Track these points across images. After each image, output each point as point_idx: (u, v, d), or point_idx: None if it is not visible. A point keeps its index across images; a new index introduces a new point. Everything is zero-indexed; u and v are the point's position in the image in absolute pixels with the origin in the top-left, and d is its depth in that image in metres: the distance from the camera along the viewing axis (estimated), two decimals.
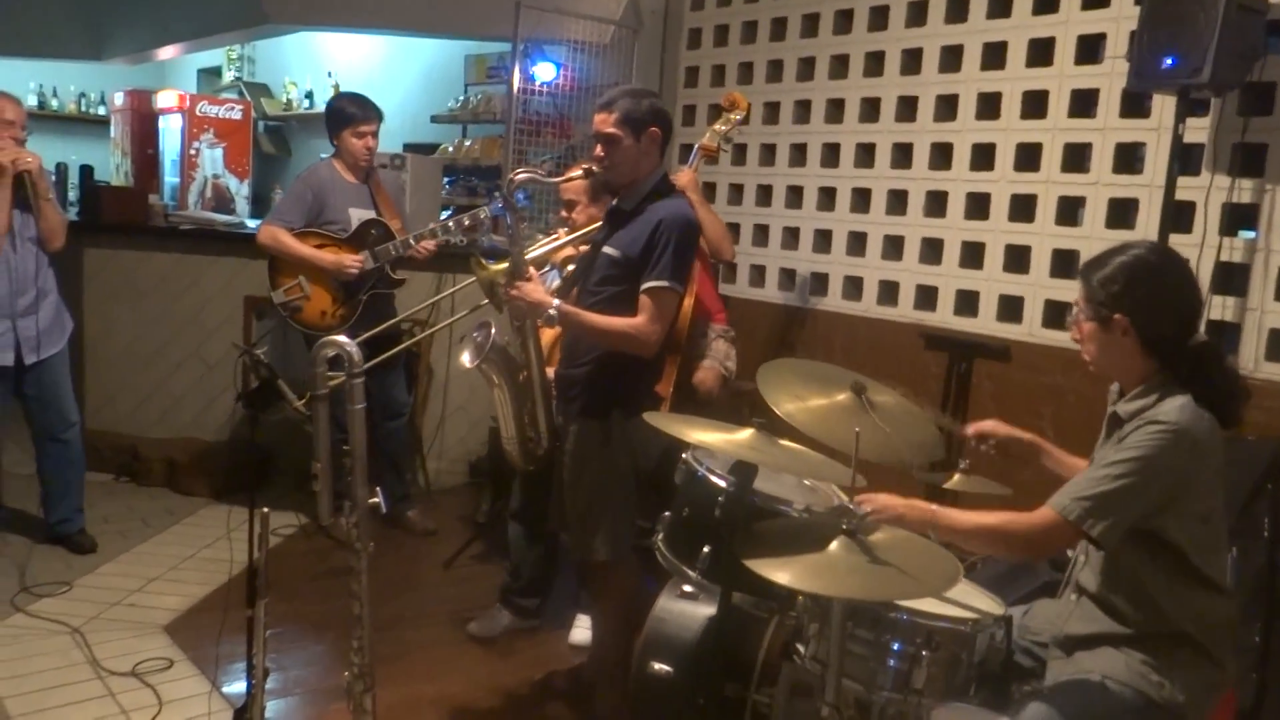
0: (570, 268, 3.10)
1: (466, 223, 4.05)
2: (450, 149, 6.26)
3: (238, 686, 2.86)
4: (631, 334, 2.60)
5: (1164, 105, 3.41)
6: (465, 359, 2.68)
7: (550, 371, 2.87)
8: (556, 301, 2.59)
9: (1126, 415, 1.98)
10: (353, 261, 3.98)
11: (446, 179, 6.10)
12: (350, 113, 4.06)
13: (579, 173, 2.75)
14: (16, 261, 3.58)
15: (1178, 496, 1.91)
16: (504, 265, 2.72)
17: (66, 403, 3.83)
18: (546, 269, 3.32)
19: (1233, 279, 3.33)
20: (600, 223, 3.05)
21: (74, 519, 3.91)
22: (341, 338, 2.16)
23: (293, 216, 4.02)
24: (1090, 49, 3.72)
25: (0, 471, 3.78)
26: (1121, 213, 3.62)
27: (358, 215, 4.10)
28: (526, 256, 2.73)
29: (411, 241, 4.06)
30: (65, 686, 2.90)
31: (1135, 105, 3.56)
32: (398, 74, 7.24)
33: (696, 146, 3.89)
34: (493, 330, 2.64)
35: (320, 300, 4.03)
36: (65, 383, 3.82)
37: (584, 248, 3.26)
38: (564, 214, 3.41)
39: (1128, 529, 1.90)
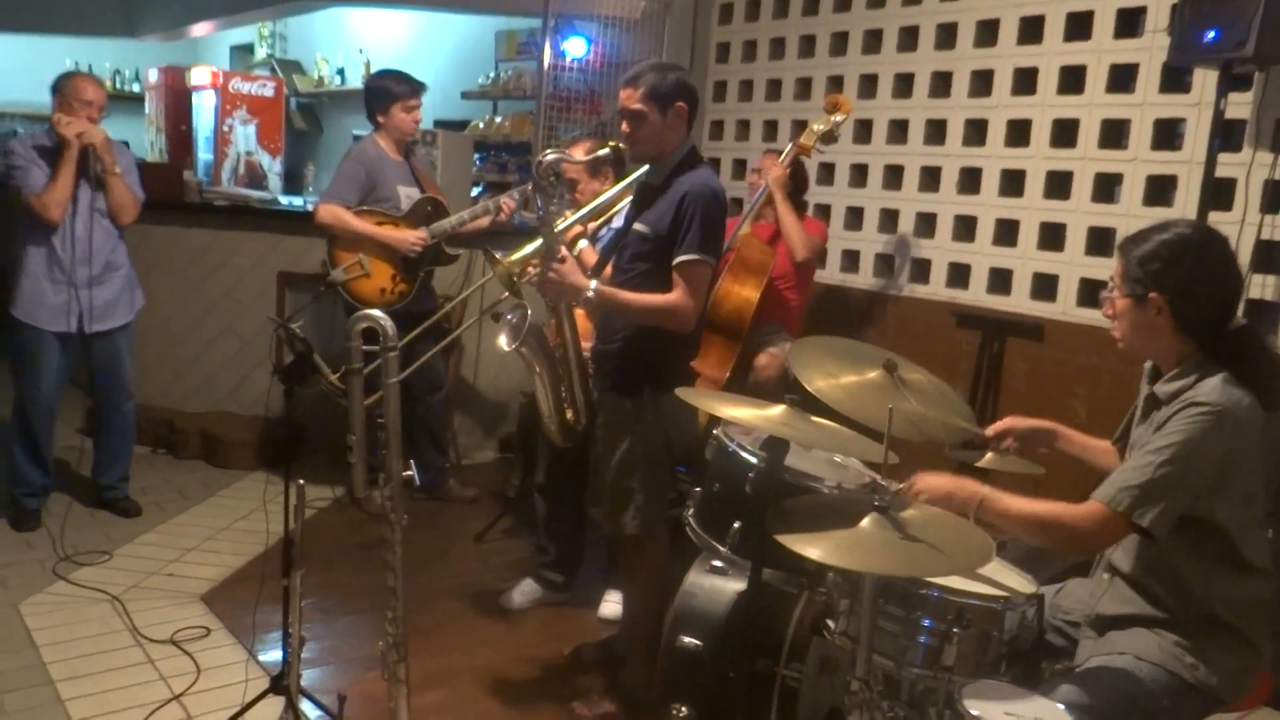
0: (581, 244, 3.11)
1: (516, 196, 4.10)
2: (481, 125, 6.27)
3: (274, 655, 2.92)
4: (668, 309, 2.60)
5: (1205, 80, 3.35)
6: (503, 342, 2.68)
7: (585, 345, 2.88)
8: (594, 283, 2.60)
9: (1165, 396, 1.94)
10: (417, 238, 4.04)
11: (477, 155, 6.11)
12: (399, 90, 4.10)
13: (579, 153, 2.75)
14: (81, 232, 3.64)
15: (1225, 478, 1.87)
16: (516, 255, 2.74)
17: (126, 376, 3.91)
18: None
19: (1273, 257, 3.28)
20: (601, 198, 3.07)
21: (120, 487, 4.03)
22: (376, 311, 2.18)
23: (350, 194, 4.06)
24: (1130, 22, 3.66)
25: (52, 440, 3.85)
26: (1160, 190, 3.57)
27: (405, 192, 4.15)
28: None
29: (466, 217, 4.10)
30: (106, 653, 2.97)
31: (1175, 80, 3.50)
32: (429, 50, 7.25)
33: (791, 145, 3.94)
34: (529, 311, 2.65)
35: (381, 277, 4.07)
36: (127, 357, 3.91)
37: (593, 225, 3.28)
38: (567, 195, 3.43)
39: (1179, 516, 1.86)
